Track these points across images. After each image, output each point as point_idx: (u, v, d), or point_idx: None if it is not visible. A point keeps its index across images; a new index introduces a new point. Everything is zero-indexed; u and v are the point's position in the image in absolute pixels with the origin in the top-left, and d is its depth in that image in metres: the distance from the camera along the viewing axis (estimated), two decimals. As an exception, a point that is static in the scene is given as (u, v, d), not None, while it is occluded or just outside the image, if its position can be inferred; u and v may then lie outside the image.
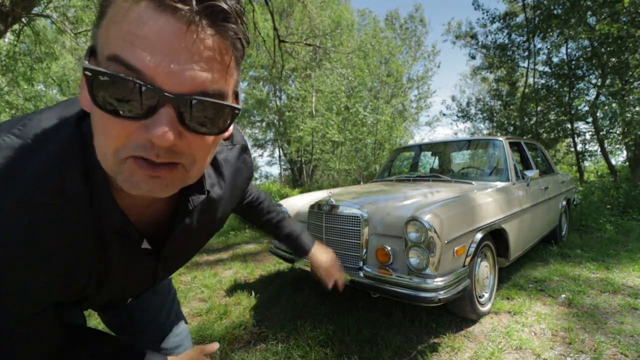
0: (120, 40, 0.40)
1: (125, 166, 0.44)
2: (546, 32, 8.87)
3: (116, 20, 0.40)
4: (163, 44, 0.40)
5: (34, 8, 4.81)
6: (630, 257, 3.98)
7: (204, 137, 0.47)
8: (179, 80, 0.41)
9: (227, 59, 0.45)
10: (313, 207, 2.91)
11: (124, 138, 0.43)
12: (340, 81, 12.97)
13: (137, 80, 0.39)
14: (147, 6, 0.39)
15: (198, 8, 0.41)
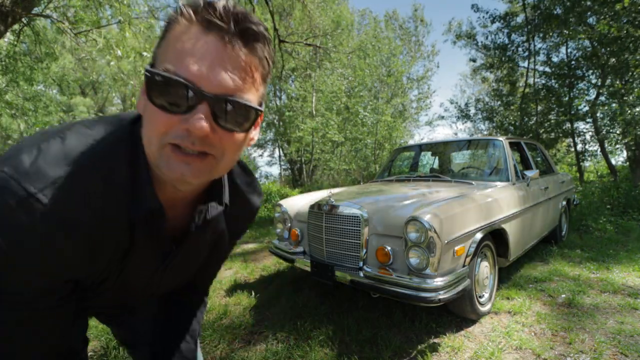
0: (172, 56, 0.52)
1: (165, 151, 0.55)
2: (546, 32, 8.86)
3: (172, 42, 0.54)
4: (205, 55, 0.52)
5: (34, 8, 4.81)
6: (630, 257, 3.98)
7: (233, 134, 0.57)
8: (215, 84, 0.52)
9: (255, 73, 0.57)
10: (313, 207, 2.91)
11: (167, 127, 0.53)
12: (340, 81, 12.97)
13: (182, 80, 0.51)
14: (197, 28, 0.53)
15: (235, 29, 0.53)
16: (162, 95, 0.52)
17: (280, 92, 18.67)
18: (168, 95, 0.52)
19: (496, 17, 9.87)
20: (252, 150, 22.20)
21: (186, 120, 0.52)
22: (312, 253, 2.94)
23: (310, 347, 2.25)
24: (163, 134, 0.54)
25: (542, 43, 9.54)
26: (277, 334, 2.50)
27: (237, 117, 0.55)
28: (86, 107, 18.86)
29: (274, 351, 2.28)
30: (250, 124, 0.59)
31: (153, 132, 0.55)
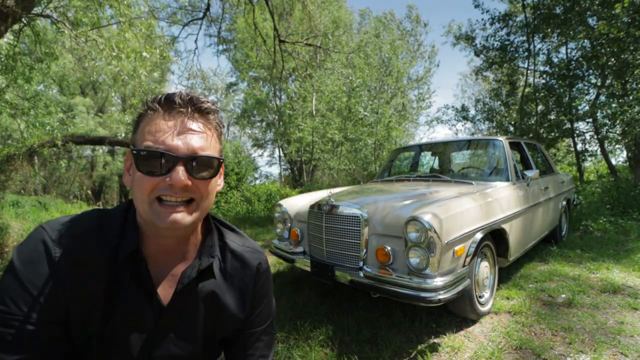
0: (149, 136, 0.71)
1: (154, 207, 0.71)
2: (546, 32, 8.85)
3: (145, 127, 0.73)
4: (174, 131, 0.71)
5: (34, 8, 4.81)
6: (630, 257, 3.98)
7: (205, 181, 0.75)
8: (184, 148, 0.71)
9: (211, 135, 0.77)
10: (313, 207, 2.91)
11: (153, 187, 0.70)
12: (340, 81, 12.97)
13: (161, 150, 0.69)
14: (163, 114, 0.73)
15: (192, 108, 0.74)
16: (147, 164, 0.70)
17: (280, 92, 18.67)
18: (152, 163, 0.70)
19: (496, 18, 9.87)
20: (252, 150, 22.20)
21: (170, 178, 0.69)
22: (312, 253, 2.94)
23: (311, 347, 2.25)
24: (151, 192, 0.70)
25: (542, 43, 9.53)
26: (277, 334, 2.50)
27: (205, 167, 0.74)
28: (85, 107, 18.85)
29: (274, 351, 2.28)
30: (215, 171, 0.77)
31: (143, 193, 0.71)
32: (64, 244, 0.72)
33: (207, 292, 0.85)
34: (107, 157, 22.35)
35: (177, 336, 0.83)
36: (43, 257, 0.70)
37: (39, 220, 9.89)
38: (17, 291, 0.68)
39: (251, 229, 7.21)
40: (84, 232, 0.76)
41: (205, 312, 0.86)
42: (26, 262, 0.70)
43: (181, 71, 17.20)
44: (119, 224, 0.79)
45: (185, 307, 0.83)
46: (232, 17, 16.20)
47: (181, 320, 0.83)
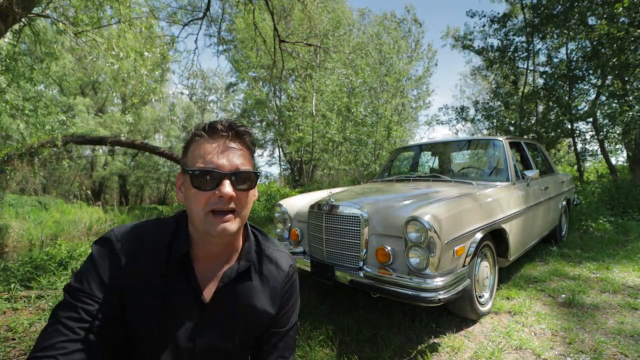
0: (200, 159, 0.86)
1: (208, 218, 0.85)
2: (546, 32, 8.85)
3: (195, 151, 0.88)
4: (219, 152, 0.86)
5: (34, 8, 4.80)
6: (630, 257, 3.98)
7: (245, 192, 0.89)
8: (228, 166, 0.86)
9: (247, 154, 0.92)
10: (313, 207, 2.91)
11: (207, 200, 0.84)
12: (341, 81, 12.97)
13: (211, 169, 0.84)
14: (208, 139, 0.88)
15: (231, 132, 0.89)
16: (201, 181, 0.84)
17: (280, 92, 18.66)
18: (204, 181, 0.84)
19: (494, 19, 9.86)
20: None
21: (219, 191, 0.83)
22: (312, 253, 2.94)
23: (310, 347, 2.25)
24: (205, 205, 0.84)
25: (542, 43, 9.53)
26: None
27: (245, 180, 0.88)
28: (85, 107, 18.83)
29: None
30: (253, 183, 0.91)
31: (199, 206, 0.85)
32: (125, 240, 0.89)
33: (244, 292, 0.98)
34: (107, 157, 22.34)
35: (218, 330, 0.95)
36: (108, 249, 0.87)
37: (39, 221, 9.89)
38: (88, 273, 0.85)
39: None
40: (142, 233, 0.92)
41: (241, 310, 0.97)
42: (97, 252, 0.87)
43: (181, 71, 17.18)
44: (172, 230, 0.93)
45: (225, 305, 0.95)
46: (232, 17, 16.21)
47: (221, 317, 0.95)
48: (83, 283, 0.83)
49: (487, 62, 10.46)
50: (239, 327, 0.98)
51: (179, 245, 0.90)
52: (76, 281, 0.84)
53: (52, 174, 19.66)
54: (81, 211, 11.40)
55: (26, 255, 4.67)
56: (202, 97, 27.68)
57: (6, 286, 3.29)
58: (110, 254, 0.87)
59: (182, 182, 0.90)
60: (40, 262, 3.81)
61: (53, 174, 19.68)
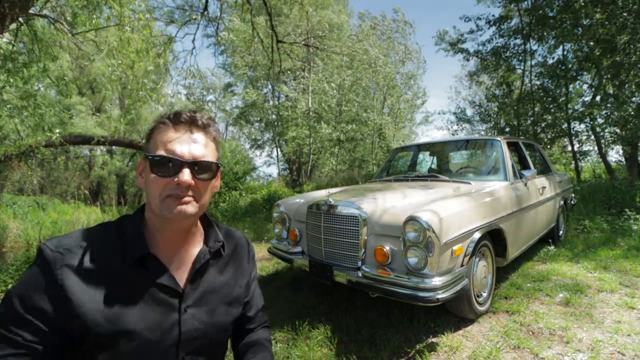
0: (162, 146, 0.86)
1: (165, 202, 0.85)
2: (542, 34, 8.86)
3: (157, 138, 0.88)
4: (181, 141, 0.87)
5: (31, 8, 4.78)
6: (627, 256, 3.99)
7: (204, 182, 0.90)
8: (189, 155, 0.86)
9: (210, 144, 0.93)
10: (311, 207, 2.91)
11: (164, 185, 0.85)
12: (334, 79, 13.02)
13: (172, 157, 0.85)
14: (172, 127, 0.88)
15: (194, 123, 0.90)
16: (160, 168, 0.85)
17: (277, 92, 18.64)
18: (164, 167, 0.85)
19: (490, 22, 9.87)
20: (250, 151, 22.17)
21: (177, 179, 0.84)
22: (310, 253, 2.94)
23: (309, 347, 2.26)
24: (162, 190, 0.85)
25: (538, 45, 9.55)
26: (276, 334, 2.50)
27: (205, 170, 0.90)
28: (83, 106, 18.77)
29: (273, 351, 2.27)
30: (214, 174, 0.93)
31: (156, 191, 0.85)
32: (66, 251, 0.82)
33: (218, 271, 1.01)
34: (104, 157, 22.29)
35: (200, 314, 0.94)
36: (43, 267, 0.80)
37: (36, 221, 9.86)
38: (24, 299, 0.77)
39: (250, 229, 7.21)
40: (86, 239, 0.86)
41: (219, 288, 1.00)
42: (30, 274, 0.81)
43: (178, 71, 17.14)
44: (120, 230, 0.91)
45: (202, 287, 0.96)
46: (229, 17, 16.18)
47: (201, 300, 0.95)
48: (18, 310, 0.76)
49: (482, 64, 10.47)
50: (221, 306, 0.99)
51: (134, 244, 0.87)
52: (8, 309, 0.76)
53: (50, 174, 19.61)
54: (79, 211, 11.36)
55: (23, 255, 4.65)
56: (200, 97, 27.62)
57: (4, 287, 3.28)
58: (47, 272, 0.79)
59: (143, 168, 0.90)
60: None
61: (50, 174, 19.63)
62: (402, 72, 15.34)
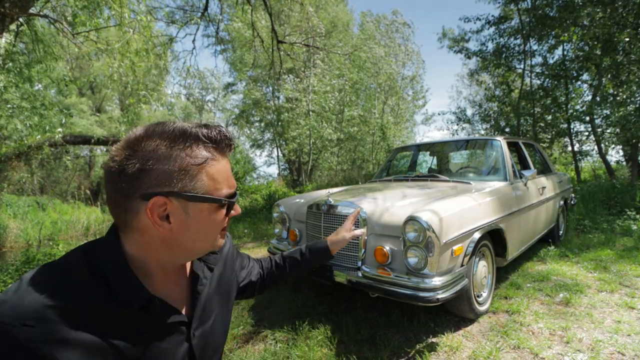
0: (223, 184, 0.74)
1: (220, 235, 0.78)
2: (542, 34, 8.87)
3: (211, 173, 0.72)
4: (229, 169, 0.77)
5: (31, 8, 4.79)
6: (627, 256, 3.99)
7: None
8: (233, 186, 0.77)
9: None
10: (311, 207, 2.92)
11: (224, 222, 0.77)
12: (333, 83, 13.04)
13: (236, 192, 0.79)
14: (222, 158, 0.74)
15: (229, 148, 0.76)
16: (230, 207, 0.76)
17: (278, 92, 18.63)
18: (231, 205, 0.76)
19: (490, 22, 9.88)
20: (250, 151, 22.18)
21: (234, 210, 0.79)
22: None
23: (309, 347, 2.26)
24: (222, 227, 0.77)
25: (538, 44, 9.55)
26: (276, 334, 2.50)
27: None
28: (84, 106, 18.79)
29: (273, 351, 2.28)
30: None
31: (216, 232, 0.76)
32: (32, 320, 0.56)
33: (214, 280, 0.94)
34: (105, 157, 22.29)
35: (208, 327, 0.88)
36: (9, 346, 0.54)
37: (36, 221, 9.86)
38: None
39: (250, 229, 7.21)
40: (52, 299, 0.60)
41: (219, 296, 0.94)
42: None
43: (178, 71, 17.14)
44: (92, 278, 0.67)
45: (205, 304, 0.88)
46: (230, 16, 16.18)
47: (204, 313, 0.87)
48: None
49: (483, 63, 10.48)
50: (221, 308, 0.95)
51: (131, 290, 0.68)
52: None
53: (50, 175, 19.61)
54: (79, 211, 11.38)
55: (23, 255, 4.65)
56: (200, 97, 27.64)
57: (4, 287, 3.28)
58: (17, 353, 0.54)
59: (177, 211, 0.68)
60: (39, 262, 3.80)
61: (51, 175, 19.63)
62: (403, 73, 15.36)
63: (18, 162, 8.34)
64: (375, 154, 13.09)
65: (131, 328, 0.69)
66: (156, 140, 0.66)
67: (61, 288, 0.61)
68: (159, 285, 0.76)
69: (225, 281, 0.99)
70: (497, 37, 9.97)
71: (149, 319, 0.72)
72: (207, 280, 0.89)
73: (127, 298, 0.67)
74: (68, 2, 5.48)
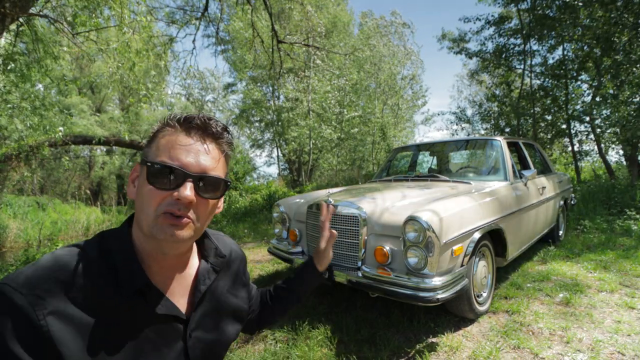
0: (165, 152, 0.73)
1: (159, 220, 0.71)
2: (541, 34, 8.87)
3: (161, 142, 0.75)
4: (189, 150, 0.74)
5: (31, 8, 4.79)
6: (627, 256, 3.99)
7: (208, 200, 0.77)
8: (195, 167, 0.74)
9: (221, 158, 0.80)
10: (311, 207, 2.92)
11: (162, 199, 0.71)
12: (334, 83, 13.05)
13: (175, 166, 0.72)
14: (181, 133, 0.76)
15: (207, 131, 0.78)
16: (159, 178, 0.72)
17: (278, 92, 18.63)
18: (164, 178, 0.72)
19: (490, 22, 9.88)
20: (250, 151, 22.17)
21: (178, 193, 0.71)
22: (310, 253, 2.94)
23: (309, 347, 2.26)
24: (158, 204, 0.71)
25: (538, 45, 9.56)
26: (276, 334, 2.50)
27: (211, 188, 0.77)
28: (84, 106, 18.80)
29: (273, 351, 2.28)
30: (221, 193, 0.80)
31: (151, 206, 0.72)
32: (37, 287, 0.63)
33: (219, 289, 0.93)
34: (104, 157, 22.30)
35: (207, 334, 0.87)
36: (17, 317, 0.60)
37: (36, 221, 9.87)
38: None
39: (250, 229, 7.21)
40: (61, 268, 0.68)
41: (223, 307, 0.94)
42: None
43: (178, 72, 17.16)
44: (100, 259, 0.73)
45: (207, 306, 0.88)
46: (230, 17, 16.18)
47: (205, 319, 0.88)
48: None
49: (484, 63, 10.49)
50: (225, 321, 0.94)
51: (130, 272, 0.73)
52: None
53: (50, 175, 19.62)
54: (79, 211, 11.38)
55: (23, 255, 4.66)
56: (199, 97, 27.63)
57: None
58: (21, 322, 0.60)
59: (138, 175, 0.77)
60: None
61: (51, 175, 19.64)
62: (402, 73, 15.36)
63: (18, 162, 8.34)
64: (375, 154, 13.08)
65: (126, 313, 0.72)
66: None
67: (71, 265, 0.69)
68: (159, 278, 0.79)
69: (234, 301, 0.98)
70: (497, 37, 9.97)
71: (146, 306, 0.75)
72: (210, 282, 0.89)
73: (127, 279, 0.72)
74: (68, 2, 5.48)
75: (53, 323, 0.61)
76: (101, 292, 0.69)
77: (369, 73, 12.93)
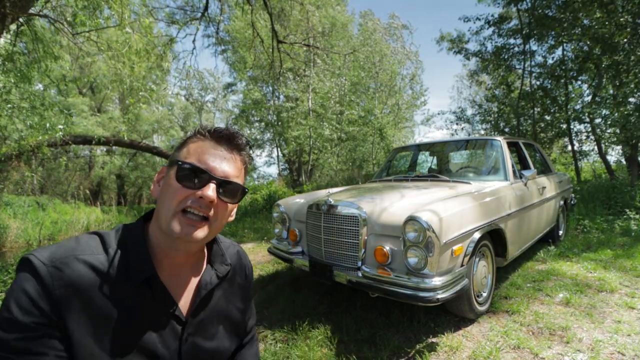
0: (194, 156, 0.82)
1: (177, 217, 0.78)
2: (541, 35, 8.87)
3: (192, 147, 0.84)
4: (216, 157, 0.83)
5: (31, 8, 4.79)
6: (627, 256, 3.99)
7: (226, 204, 0.85)
8: (220, 172, 0.82)
9: (242, 168, 0.89)
10: (311, 207, 2.91)
11: (185, 197, 0.78)
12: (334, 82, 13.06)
13: (202, 167, 0.80)
14: (209, 142, 0.85)
15: (232, 143, 0.87)
16: (187, 177, 0.79)
17: (278, 92, 18.63)
18: (191, 178, 0.79)
19: (490, 22, 9.88)
20: (250, 151, 22.16)
21: (201, 192, 0.78)
22: (310, 253, 2.95)
23: (309, 347, 2.26)
24: (181, 201, 0.78)
25: (538, 46, 9.56)
26: (276, 334, 2.50)
27: (231, 192, 0.85)
28: (84, 106, 18.79)
29: (273, 351, 2.28)
30: (238, 199, 0.88)
31: (173, 201, 0.78)
32: (60, 264, 0.71)
33: (221, 296, 0.96)
34: (104, 157, 22.29)
35: (203, 341, 0.89)
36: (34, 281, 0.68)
37: (37, 221, 9.87)
38: (15, 318, 0.66)
39: (250, 229, 7.21)
40: (80, 250, 0.75)
41: (222, 314, 0.95)
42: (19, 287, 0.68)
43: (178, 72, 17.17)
44: (118, 246, 0.80)
45: (207, 313, 0.91)
46: (230, 17, 16.18)
47: (203, 325, 0.90)
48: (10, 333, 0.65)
49: (483, 64, 10.48)
50: (223, 332, 0.95)
51: (139, 262, 0.79)
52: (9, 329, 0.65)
53: (50, 175, 19.61)
54: (79, 211, 11.38)
55: (22, 255, 4.65)
56: (199, 97, 27.63)
57: (4, 287, 3.28)
58: (41, 289, 0.68)
59: (164, 176, 0.85)
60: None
61: (51, 175, 19.63)
62: (402, 73, 15.38)
63: (18, 162, 8.34)
64: (375, 154, 13.09)
65: (132, 299, 0.77)
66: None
67: (90, 248, 0.77)
68: (167, 275, 0.84)
69: (233, 312, 0.99)
70: (497, 37, 9.97)
71: (148, 301, 0.79)
72: (211, 287, 0.91)
73: (136, 267, 0.78)
74: (68, 2, 5.48)
75: (66, 294, 0.69)
76: (112, 276, 0.75)
77: (370, 73, 12.94)
